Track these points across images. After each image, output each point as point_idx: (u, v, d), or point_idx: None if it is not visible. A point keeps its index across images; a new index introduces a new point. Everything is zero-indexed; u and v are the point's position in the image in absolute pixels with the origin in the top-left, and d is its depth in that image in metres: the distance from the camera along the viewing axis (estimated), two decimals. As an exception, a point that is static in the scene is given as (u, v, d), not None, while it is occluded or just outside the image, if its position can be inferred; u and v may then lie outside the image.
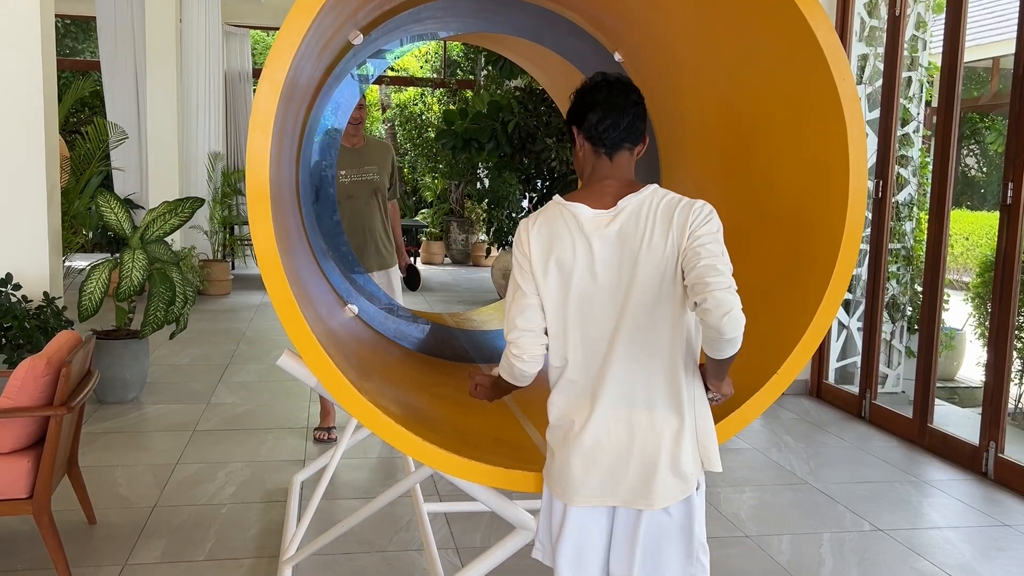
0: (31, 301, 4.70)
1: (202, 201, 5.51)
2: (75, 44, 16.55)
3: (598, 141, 1.99)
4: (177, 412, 5.11)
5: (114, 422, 4.89)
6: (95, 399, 5.24)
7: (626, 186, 1.97)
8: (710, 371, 1.92)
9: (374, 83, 6.45)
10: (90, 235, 7.64)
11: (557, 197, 2.00)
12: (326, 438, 4.65)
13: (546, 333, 1.98)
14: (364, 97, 4.39)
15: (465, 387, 3.24)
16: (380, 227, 4.46)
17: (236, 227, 11.00)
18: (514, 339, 1.96)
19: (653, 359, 1.91)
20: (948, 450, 4.72)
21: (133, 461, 4.27)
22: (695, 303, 1.79)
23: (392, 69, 14.58)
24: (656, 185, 1.96)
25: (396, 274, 4.57)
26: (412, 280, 4.60)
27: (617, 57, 3.27)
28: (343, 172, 4.34)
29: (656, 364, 1.91)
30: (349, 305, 3.29)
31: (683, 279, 1.86)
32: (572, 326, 1.94)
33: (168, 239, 5.42)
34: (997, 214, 4.43)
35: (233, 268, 11.05)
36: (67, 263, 5.69)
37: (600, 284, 1.91)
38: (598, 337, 1.93)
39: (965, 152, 14.65)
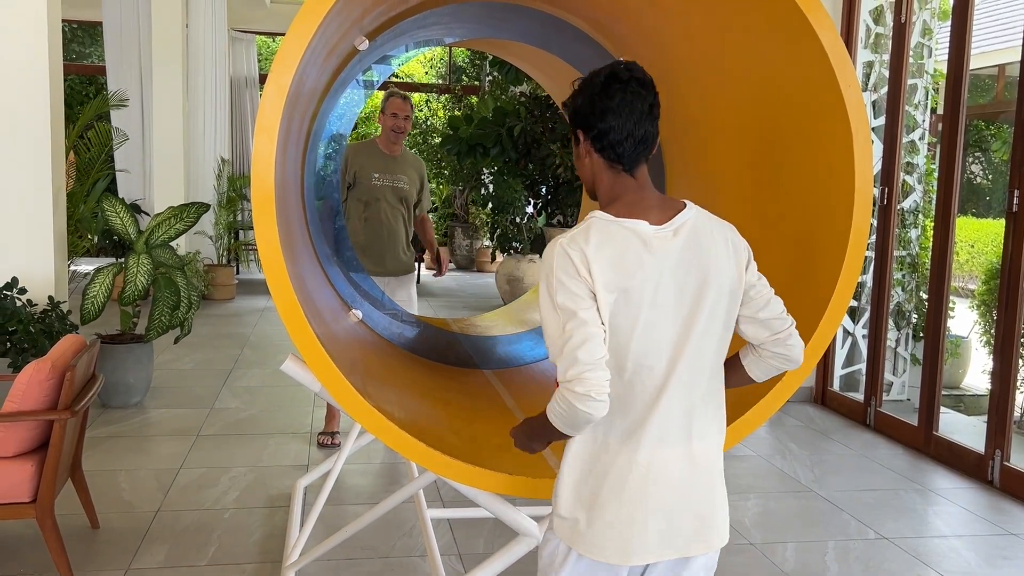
0: (36, 305, 4.70)
1: (207, 207, 5.52)
2: (81, 48, 16.61)
3: (613, 157, 1.75)
4: (181, 416, 5.11)
5: (118, 426, 4.89)
6: (99, 403, 5.25)
7: (665, 201, 1.77)
8: (730, 385, 1.88)
9: (379, 88, 6.47)
10: (95, 239, 7.66)
11: (601, 213, 1.74)
12: (329, 443, 4.65)
13: None
14: (412, 107, 4.44)
15: (468, 391, 3.25)
16: (403, 235, 4.51)
17: (241, 232, 11.02)
18: (578, 375, 1.62)
19: (709, 386, 1.77)
20: (954, 458, 4.70)
21: (137, 465, 4.27)
22: (772, 334, 1.77)
23: (397, 75, 14.61)
24: (690, 202, 1.80)
25: (413, 282, 4.60)
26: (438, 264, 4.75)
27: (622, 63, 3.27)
28: (376, 175, 4.39)
29: (710, 391, 1.77)
30: (353, 310, 3.29)
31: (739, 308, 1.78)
32: (630, 356, 1.69)
33: (173, 244, 5.43)
34: (1002, 221, 4.42)
35: (238, 273, 11.07)
36: (72, 267, 5.71)
37: (665, 308, 1.69)
38: (655, 367, 1.71)
39: (970, 159, 14.62)
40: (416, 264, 4.70)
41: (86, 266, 8.41)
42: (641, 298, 1.67)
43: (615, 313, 1.66)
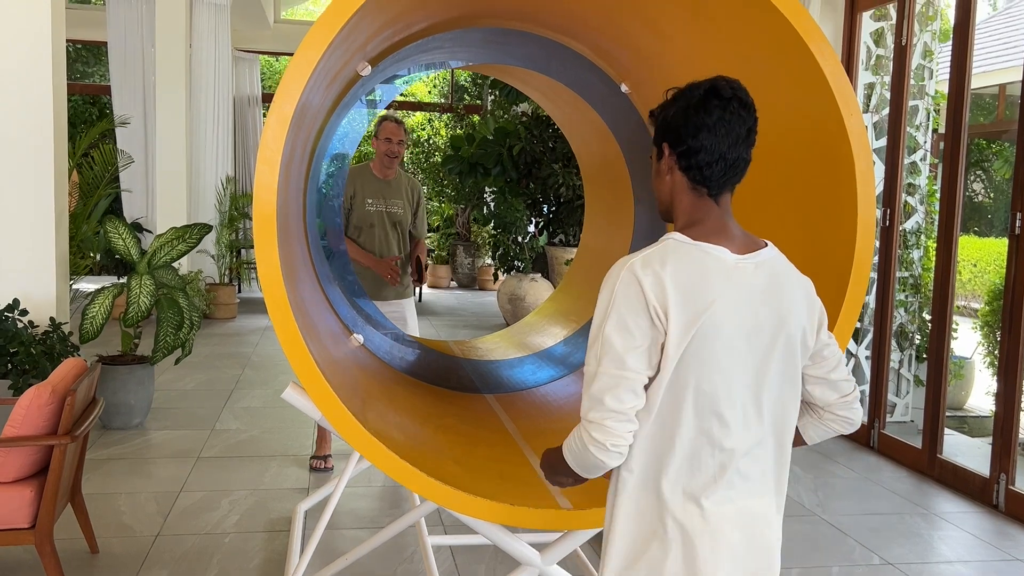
0: (37, 327, 4.70)
1: (210, 227, 5.52)
2: (85, 68, 16.70)
3: (699, 179, 1.61)
4: (181, 438, 5.10)
5: (118, 448, 4.88)
6: (99, 424, 5.23)
7: (747, 235, 1.64)
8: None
9: (383, 109, 6.47)
10: (97, 257, 7.67)
11: (679, 235, 1.59)
12: (322, 466, 4.62)
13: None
14: (406, 132, 4.43)
15: (470, 417, 3.23)
16: (401, 259, 4.50)
17: (243, 250, 11.03)
18: (599, 420, 1.51)
19: (782, 443, 1.64)
20: (958, 481, 4.68)
21: (136, 488, 4.25)
22: (841, 396, 1.69)
23: (400, 95, 14.67)
24: (771, 242, 1.68)
25: (411, 305, 4.59)
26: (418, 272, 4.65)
27: (624, 88, 3.28)
28: (370, 200, 4.38)
29: (783, 447, 1.65)
30: (355, 335, 3.28)
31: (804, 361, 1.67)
32: (698, 401, 1.54)
33: (175, 263, 5.43)
34: (1005, 240, 4.41)
35: (239, 291, 11.07)
36: (74, 286, 5.71)
37: (739, 348, 1.55)
38: (726, 415, 1.56)
39: (972, 178, 14.63)
40: (415, 286, 4.66)
41: (87, 284, 8.42)
42: (717, 335, 1.52)
43: (687, 352, 1.51)
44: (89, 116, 14.17)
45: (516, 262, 10.03)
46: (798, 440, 1.77)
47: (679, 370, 1.53)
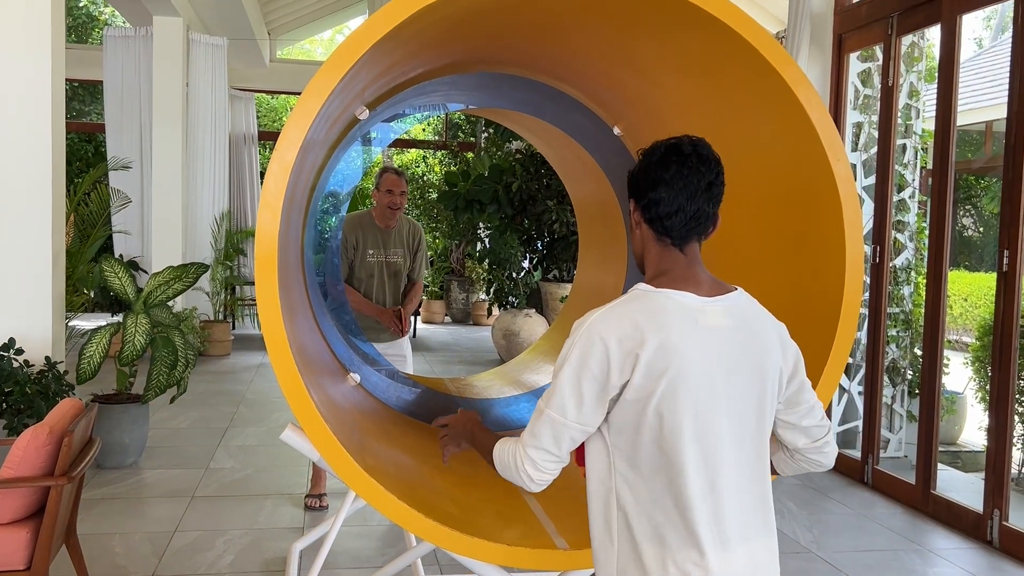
0: (33, 366, 4.71)
1: (207, 267, 5.56)
2: (81, 106, 16.83)
3: (662, 230, 1.67)
4: (176, 477, 5.08)
5: (112, 488, 4.86)
6: (94, 464, 5.21)
7: (715, 281, 1.69)
8: None
9: (381, 146, 6.54)
10: (92, 294, 7.68)
11: (644, 285, 1.66)
12: (317, 505, 4.61)
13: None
14: (406, 181, 4.46)
15: (466, 456, 3.25)
16: (395, 305, 4.51)
17: (237, 287, 11.05)
18: (536, 457, 1.61)
19: (763, 482, 1.66)
20: (952, 517, 4.69)
21: (131, 529, 4.24)
22: (812, 441, 1.74)
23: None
24: (740, 287, 1.73)
25: (407, 343, 4.60)
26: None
27: (616, 131, 3.34)
28: (371, 252, 4.41)
29: (764, 487, 1.67)
30: (351, 374, 3.30)
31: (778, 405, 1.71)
32: (673, 448, 1.56)
33: (170, 302, 5.46)
34: (995, 275, 4.47)
35: (234, 328, 11.07)
36: (68, 323, 5.73)
37: (714, 393, 1.58)
38: (712, 462, 1.58)
39: (962, 213, 14.79)
40: (412, 322, 4.68)
41: (82, 322, 8.42)
42: (689, 379, 1.55)
43: (661, 398, 1.55)
44: (85, 154, 14.25)
45: (511, 297, 10.07)
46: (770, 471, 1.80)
47: (651, 415, 1.56)
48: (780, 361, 1.66)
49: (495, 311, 10.64)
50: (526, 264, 10.46)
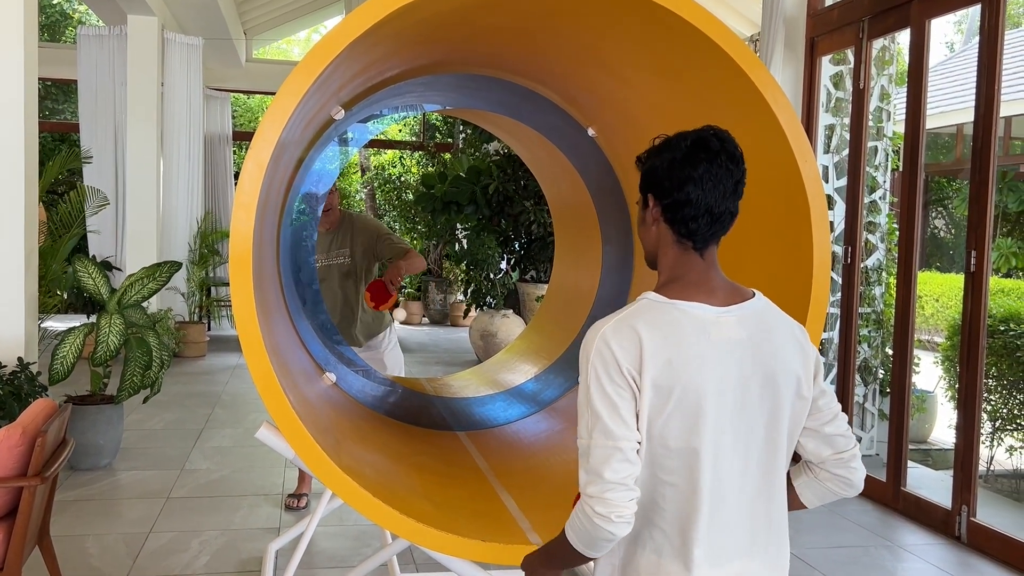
0: (5, 367, 4.67)
1: (179, 265, 5.53)
2: (55, 105, 16.66)
3: (684, 232, 1.57)
4: (151, 479, 5.06)
5: (86, 489, 4.83)
6: (67, 466, 5.17)
7: (732, 286, 1.61)
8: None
9: (356, 148, 6.54)
10: (65, 295, 7.61)
11: (654, 295, 1.57)
12: (296, 505, 4.60)
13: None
14: (335, 184, 4.33)
15: (442, 455, 3.26)
16: (361, 308, 4.33)
17: (213, 288, 10.99)
18: (598, 494, 1.47)
19: (771, 499, 1.59)
20: (921, 514, 4.76)
21: (105, 530, 4.22)
22: (835, 453, 1.63)
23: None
24: (759, 292, 1.64)
25: (387, 341, 4.48)
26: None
27: (591, 132, 3.38)
28: (317, 257, 4.23)
29: (773, 504, 1.60)
30: (327, 373, 3.31)
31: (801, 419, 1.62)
32: (685, 464, 1.51)
33: (144, 302, 5.42)
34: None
35: (209, 329, 11.01)
36: (42, 325, 5.68)
37: (724, 409, 1.52)
38: (724, 475, 1.53)
39: (934, 215, 14.99)
40: (391, 323, 4.57)
41: (55, 323, 8.35)
42: (698, 396, 1.48)
43: (669, 415, 1.49)
44: (57, 153, 14.10)
45: (488, 298, 10.09)
46: (796, 503, 1.71)
47: (662, 435, 1.50)
48: (799, 369, 1.58)
49: (473, 312, 10.66)
50: (504, 265, 10.49)
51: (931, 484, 5.41)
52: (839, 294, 5.66)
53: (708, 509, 1.52)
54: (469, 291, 10.36)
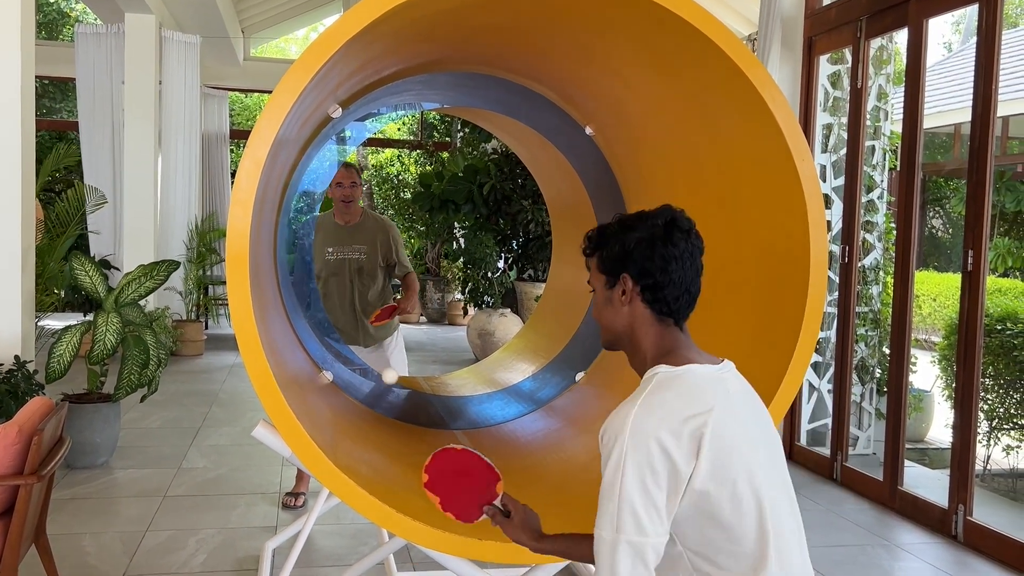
0: (2, 365, 4.66)
1: (177, 264, 5.53)
2: (52, 104, 16.64)
3: (666, 311, 1.60)
4: (148, 477, 5.05)
5: (83, 488, 4.82)
6: (64, 464, 5.17)
7: (707, 355, 1.65)
8: None
9: (353, 146, 6.55)
10: (62, 294, 7.61)
11: (664, 367, 1.57)
12: (293, 504, 4.60)
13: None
14: (358, 173, 4.35)
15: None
16: (371, 307, 4.33)
17: (211, 287, 10.98)
18: None
19: (800, 533, 1.62)
20: (918, 513, 4.77)
21: (102, 528, 4.21)
22: None
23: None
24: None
25: (392, 345, 4.50)
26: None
27: (589, 131, 3.38)
28: (330, 249, 4.27)
29: (801, 537, 1.62)
30: (324, 372, 3.31)
31: None
32: (761, 530, 1.50)
33: (141, 301, 5.42)
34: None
35: (207, 328, 11.00)
36: (39, 323, 5.67)
37: (762, 456, 1.54)
38: (779, 533, 1.52)
39: (931, 215, 15.02)
40: (398, 327, 4.56)
41: (52, 322, 8.34)
42: (732, 444, 1.48)
43: (735, 478, 1.47)
44: (55, 152, 14.08)
45: (486, 297, 10.09)
46: None
47: (726, 495, 1.48)
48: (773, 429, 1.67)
49: (470, 311, 10.66)
50: (501, 264, 10.49)
51: (928, 483, 5.42)
52: (836, 293, 5.67)
53: (781, 566, 1.50)
54: (467, 290, 10.36)
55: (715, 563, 1.50)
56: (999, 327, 5.77)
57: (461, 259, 10.28)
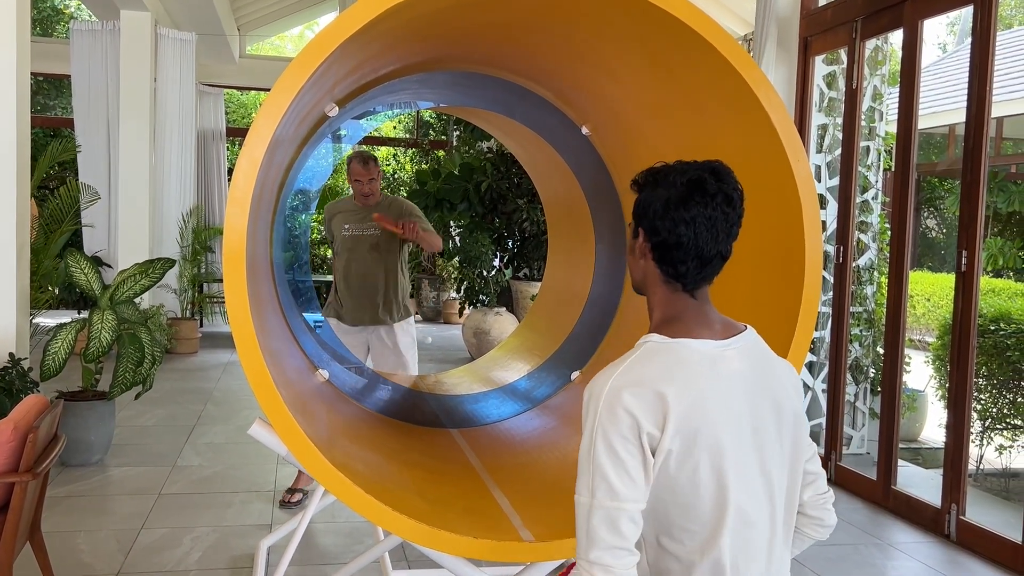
0: (-3, 362, 4.66)
1: (173, 262, 5.52)
2: (47, 101, 16.59)
3: (673, 274, 1.53)
4: (142, 475, 5.05)
5: (78, 485, 4.82)
6: (59, 462, 5.16)
7: (726, 321, 1.57)
8: None
9: (348, 144, 6.53)
10: (56, 291, 7.59)
11: (656, 336, 1.51)
12: (289, 500, 4.60)
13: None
14: (375, 165, 4.44)
15: (434, 452, 3.27)
16: (382, 285, 4.48)
17: (205, 285, 10.96)
18: (599, 560, 1.39)
19: (789, 542, 1.56)
20: (912, 512, 4.79)
21: (96, 526, 4.21)
22: (816, 493, 1.63)
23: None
24: (749, 326, 1.60)
25: (402, 334, 4.57)
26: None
27: (584, 131, 3.38)
28: (347, 226, 4.46)
29: (788, 536, 1.56)
30: (320, 370, 3.31)
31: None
32: (725, 518, 1.44)
33: (136, 298, 5.41)
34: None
35: (201, 326, 10.98)
36: (33, 320, 5.66)
37: (746, 442, 1.48)
38: (748, 524, 1.47)
39: (926, 215, 15.06)
40: (410, 315, 4.65)
41: (47, 319, 8.32)
42: (717, 433, 1.43)
43: (697, 458, 1.42)
44: (49, 149, 14.04)
45: (481, 296, 10.09)
46: None
47: (686, 480, 1.44)
48: (796, 399, 1.57)
49: (466, 309, 10.66)
50: (497, 263, 10.49)
51: (921, 483, 5.44)
52: (831, 293, 5.69)
53: (746, 560, 1.47)
54: (462, 289, 10.36)
55: (671, 536, 1.48)
56: (992, 327, 5.79)
57: (457, 258, 10.28)
